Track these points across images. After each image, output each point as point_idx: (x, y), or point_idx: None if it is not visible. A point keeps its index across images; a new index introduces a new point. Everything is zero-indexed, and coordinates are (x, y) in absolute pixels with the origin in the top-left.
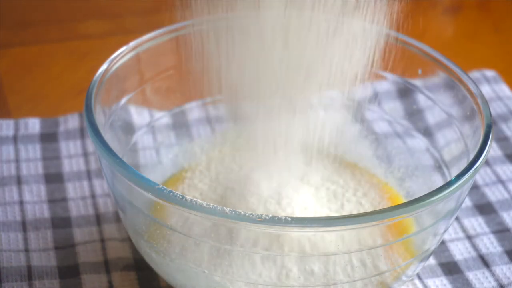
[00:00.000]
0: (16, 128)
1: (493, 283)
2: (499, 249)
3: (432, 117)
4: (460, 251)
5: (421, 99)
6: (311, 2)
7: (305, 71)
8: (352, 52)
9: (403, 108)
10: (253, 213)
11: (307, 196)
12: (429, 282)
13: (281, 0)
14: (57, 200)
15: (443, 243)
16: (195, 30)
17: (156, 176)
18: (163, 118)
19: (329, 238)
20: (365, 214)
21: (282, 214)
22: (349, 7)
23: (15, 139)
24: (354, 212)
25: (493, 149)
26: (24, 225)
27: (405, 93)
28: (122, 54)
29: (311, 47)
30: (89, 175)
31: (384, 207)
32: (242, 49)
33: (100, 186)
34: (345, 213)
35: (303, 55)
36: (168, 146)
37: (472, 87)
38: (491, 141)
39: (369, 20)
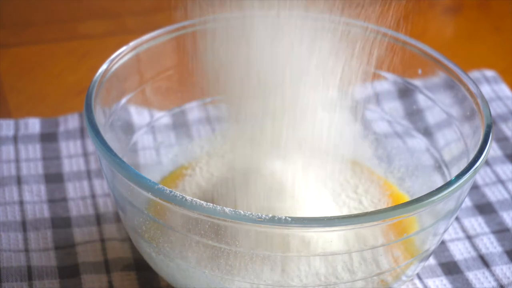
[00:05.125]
0: (16, 128)
1: (493, 283)
2: (499, 249)
3: (432, 117)
4: (460, 251)
5: (421, 99)
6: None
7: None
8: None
9: (403, 108)
10: (253, 213)
11: (307, 193)
12: (429, 282)
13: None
14: (57, 200)
15: (443, 243)
16: (197, 29)
17: (156, 176)
18: (163, 118)
19: (329, 237)
20: (365, 214)
21: (281, 212)
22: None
23: (15, 139)
24: (354, 209)
25: (493, 149)
26: (24, 225)
27: (405, 93)
28: (122, 54)
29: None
30: (89, 175)
31: (385, 204)
32: (242, 49)
33: (100, 186)
34: (345, 210)
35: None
36: (168, 146)
37: (472, 87)
38: (491, 141)
39: (366, 20)
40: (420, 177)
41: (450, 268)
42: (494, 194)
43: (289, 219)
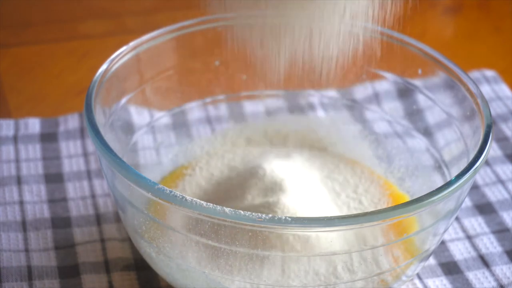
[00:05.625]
0: (16, 128)
1: (493, 283)
2: (499, 249)
3: (432, 117)
4: (460, 251)
5: (421, 99)
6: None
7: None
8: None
9: (403, 108)
10: (253, 213)
11: (307, 193)
12: (429, 282)
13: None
14: (57, 200)
15: (443, 243)
16: (198, 29)
17: (155, 176)
18: (163, 118)
19: (329, 237)
20: (365, 214)
21: (282, 211)
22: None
23: (15, 139)
24: (354, 209)
25: (493, 149)
26: (24, 225)
27: (405, 93)
28: (122, 54)
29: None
30: (89, 175)
31: (385, 204)
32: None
33: (100, 186)
34: (345, 210)
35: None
36: (168, 146)
37: (472, 87)
38: (491, 141)
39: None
40: (420, 177)
41: (450, 268)
42: (494, 194)
43: (289, 219)
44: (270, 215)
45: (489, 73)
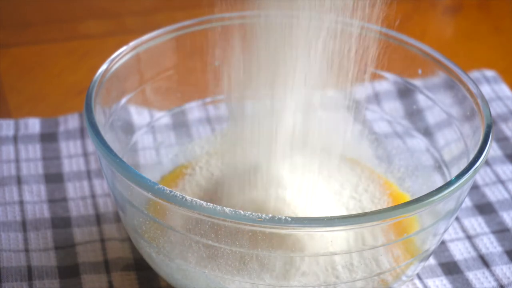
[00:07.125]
0: (16, 128)
1: (493, 283)
2: (499, 249)
3: (432, 117)
4: (460, 251)
5: (421, 99)
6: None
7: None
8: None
9: (403, 108)
10: (253, 213)
11: (307, 193)
12: (429, 282)
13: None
14: (57, 200)
15: (443, 243)
16: (197, 29)
17: (155, 176)
18: (163, 118)
19: (329, 237)
20: (365, 214)
21: (281, 211)
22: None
23: (15, 139)
24: (354, 209)
25: (493, 149)
26: (24, 225)
27: (405, 93)
28: (122, 54)
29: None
30: (89, 175)
31: (385, 204)
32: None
33: (100, 186)
34: (344, 210)
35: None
36: (168, 146)
37: (472, 87)
38: (491, 141)
39: (366, 20)
40: (420, 177)
41: (450, 268)
42: (494, 194)
43: (289, 219)
44: (270, 215)
45: (489, 73)
